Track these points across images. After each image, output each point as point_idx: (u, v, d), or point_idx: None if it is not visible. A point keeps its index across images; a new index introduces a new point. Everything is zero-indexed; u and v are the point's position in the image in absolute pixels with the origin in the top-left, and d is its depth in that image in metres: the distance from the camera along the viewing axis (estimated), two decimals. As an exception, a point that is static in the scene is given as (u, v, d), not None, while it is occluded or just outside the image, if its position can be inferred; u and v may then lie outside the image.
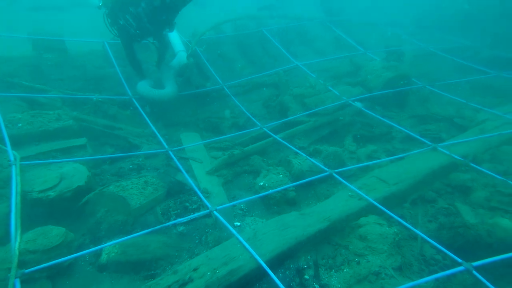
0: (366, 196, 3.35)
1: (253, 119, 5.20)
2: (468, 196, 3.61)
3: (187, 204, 3.21)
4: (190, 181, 3.42)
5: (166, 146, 4.06)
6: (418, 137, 4.50)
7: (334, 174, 3.76)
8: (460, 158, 3.87)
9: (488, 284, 2.31)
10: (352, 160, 4.49)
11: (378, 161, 4.16)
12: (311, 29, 7.88)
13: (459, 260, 2.55)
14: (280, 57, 6.89)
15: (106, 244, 2.55)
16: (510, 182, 3.38)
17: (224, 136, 4.73)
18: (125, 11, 4.30)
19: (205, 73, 5.61)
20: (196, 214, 2.97)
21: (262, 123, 5.17)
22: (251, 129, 5.01)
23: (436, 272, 2.71)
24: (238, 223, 3.13)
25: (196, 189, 3.29)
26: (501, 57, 6.77)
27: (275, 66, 6.61)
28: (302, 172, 3.98)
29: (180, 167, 3.64)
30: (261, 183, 3.71)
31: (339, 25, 7.90)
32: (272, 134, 4.73)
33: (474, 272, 2.41)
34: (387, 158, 4.16)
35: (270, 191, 3.55)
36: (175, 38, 5.35)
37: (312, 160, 4.08)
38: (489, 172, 3.57)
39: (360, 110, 5.24)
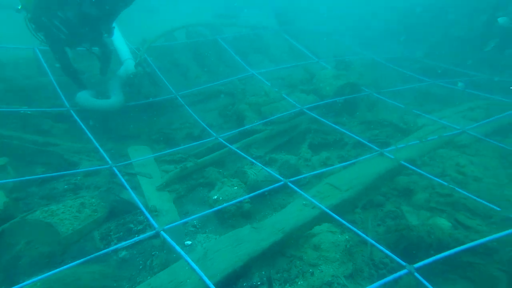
0: (319, 204, 3.39)
1: (208, 129, 5.06)
2: (411, 198, 3.84)
3: (132, 225, 2.97)
4: (136, 198, 3.17)
5: (110, 162, 3.75)
6: (367, 143, 4.72)
7: (288, 183, 3.76)
8: (404, 163, 4.11)
9: (427, 285, 2.44)
10: (308, 167, 4.57)
11: (331, 167, 4.27)
12: (266, 38, 8.00)
13: (403, 263, 2.67)
14: (236, 65, 6.87)
15: (22, 284, 2.17)
16: (445, 183, 3.66)
17: (177, 148, 4.52)
18: (52, 16, 3.87)
19: (156, 82, 5.35)
20: (141, 236, 2.75)
21: (219, 132, 5.05)
22: (207, 140, 4.87)
23: (385, 275, 2.81)
24: (189, 242, 2.97)
25: (142, 207, 3.06)
26: (435, 66, 7.48)
27: (231, 74, 6.56)
28: (258, 183, 3.93)
29: (125, 184, 3.37)
30: (215, 197, 3.58)
31: (293, 34, 8.14)
32: (228, 144, 4.64)
33: (416, 274, 2.53)
34: (339, 165, 4.29)
35: (225, 204, 3.44)
36: (121, 45, 5.03)
37: (268, 169, 4.06)
38: (427, 175, 3.84)
39: (315, 118, 5.37)
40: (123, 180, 3.42)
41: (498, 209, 3.18)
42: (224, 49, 7.07)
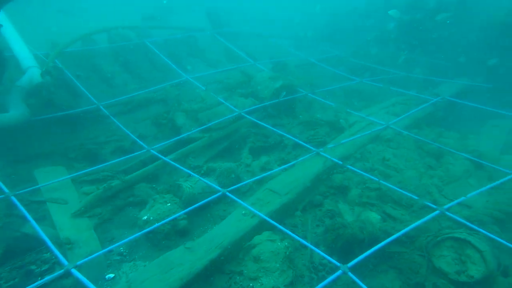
0: (258, 213, 3.31)
1: (139, 140, 4.64)
2: (347, 195, 4.01)
3: (34, 266, 2.49)
4: (40, 231, 2.68)
5: (7, 190, 3.13)
6: (304, 144, 4.81)
7: (227, 193, 3.61)
8: (337, 161, 4.28)
9: (359, 283, 2.51)
10: (248, 173, 4.48)
11: (270, 172, 4.23)
12: (201, 41, 7.74)
13: (337, 263, 2.73)
14: (169, 70, 6.48)
15: None
16: (374, 178, 3.90)
17: (101, 165, 4.03)
18: None
19: (74, 91, 4.72)
20: (45, 279, 2.31)
21: (152, 144, 4.67)
22: (138, 152, 4.45)
23: (324, 277, 2.85)
24: (111, 275, 2.62)
25: (48, 241, 2.58)
26: (361, 65, 8.08)
27: (164, 80, 6.16)
28: (194, 196, 3.70)
29: (27, 215, 2.83)
30: (145, 217, 3.26)
31: (228, 37, 8.02)
32: (161, 156, 4.30)
33: (349, 274, 2.59)
34: (278, 168, 4.28)
35: (156, 224, 3.14)
36: (22, 51, 4.29)
37: (205, 180, 3.86)
38: (358, 171, 4.05)
39: (254, 122, 5.31)
40: (23, 210, 2.87)
41: (416, 198, 3.47)
42: (155, 53, 6.62)
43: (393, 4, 8.18)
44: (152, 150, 4.40)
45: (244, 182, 4.00)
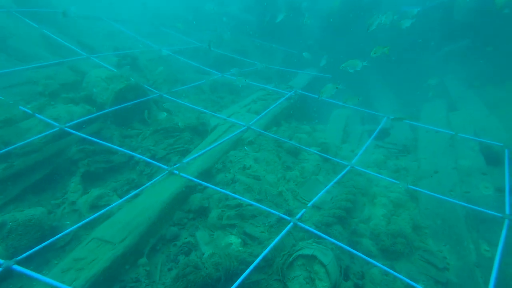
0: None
1: None
2: (207, 218, 3.53)
3: None
4: None
5: None
6: (153, 161, 4.01)
7: (13, 267, 2.40)
8: (194, 179, 3.72)
9: None
10: (74, 215, 3.36)
11: (103, 210, 3.19)
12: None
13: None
14: None
15: None
16: (232, 194, 3.54)
17: None
18: None
19: None
20: None
21: None
22: None
23: None
24: None
25: None
26: (227, 57, 7.72)
27: None
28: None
29: None
30: None
31: (46, 19, 6.01)
32: None
33: None
34: (116, 203, 3.32)
35: None
36: None
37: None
38: (216, 188, 3.61)
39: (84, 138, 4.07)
40: None
41: (273, 211, 3.32)
42: None
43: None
44: None
45: (61, 234, 2.84)
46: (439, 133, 5.28)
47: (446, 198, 3.79)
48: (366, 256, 3.04)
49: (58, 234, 2.80)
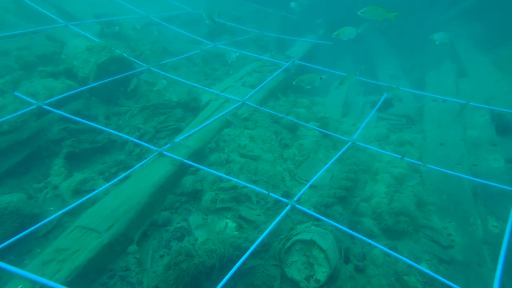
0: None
1: None
2: (200, 201, 3.34)
3: None
4: None
5: None
6: (142, 142, 3.76)
7: None
8: (186, 161, 3.48)
9: None
10: (58, 200, 3.17)
11: (86, 197, 2.94)
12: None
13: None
14: None
15: None
16: (226, 176, 3.32)
17: None
18: None
19: None
20: None
21: None
22: None
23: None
24: None
25: None
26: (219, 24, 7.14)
27: None
28: None
29: None
30: None
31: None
32: None
33: None
34: (102, 187, 3.11)
35: None
36: None
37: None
38: (209, 170, 3.39)
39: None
40: None
41: (265, 192, 3.11)
42: None
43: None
44: None
45: (42, 222, 2.66)
46: (447, 102, 4.94)
47: (453, 172, 3.58)
48: (368, 236, 2.89)
49: (40, 222, 2.63)
